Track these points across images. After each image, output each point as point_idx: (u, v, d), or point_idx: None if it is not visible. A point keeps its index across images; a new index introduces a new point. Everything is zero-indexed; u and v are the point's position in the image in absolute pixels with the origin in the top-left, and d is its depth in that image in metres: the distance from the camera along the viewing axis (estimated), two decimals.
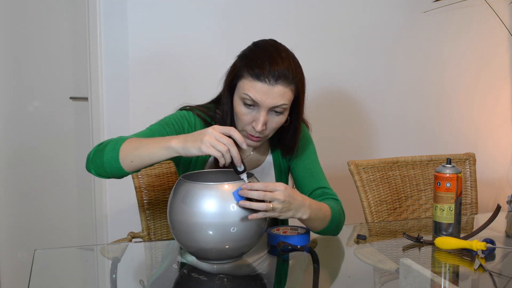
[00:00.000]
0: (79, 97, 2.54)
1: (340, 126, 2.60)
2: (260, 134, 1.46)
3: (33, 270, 1.31)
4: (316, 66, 2.54)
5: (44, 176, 2.68)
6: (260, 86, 1.41)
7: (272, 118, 1.45)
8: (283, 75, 1.41)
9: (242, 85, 1.44)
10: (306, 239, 1.46)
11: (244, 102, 1.44)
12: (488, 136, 2.88)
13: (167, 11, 2.30)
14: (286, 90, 1.43)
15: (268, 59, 1.42)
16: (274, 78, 1.40)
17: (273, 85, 1.41)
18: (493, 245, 1.42)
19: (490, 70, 2.86)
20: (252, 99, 1.42)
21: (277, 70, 1.41)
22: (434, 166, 2.05)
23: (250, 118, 1.45)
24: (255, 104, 1.43)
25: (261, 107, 1.42)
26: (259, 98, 1.41)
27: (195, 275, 1.29)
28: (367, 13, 2.59)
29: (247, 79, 1.43)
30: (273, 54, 1.44)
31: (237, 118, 1.48)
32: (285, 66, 1.43)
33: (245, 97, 1.43)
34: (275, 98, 1.41)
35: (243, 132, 1.48)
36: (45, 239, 2.64)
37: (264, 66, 1.41)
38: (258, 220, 1.28)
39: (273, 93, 1.41)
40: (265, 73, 1.40)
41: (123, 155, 1.35)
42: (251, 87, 1.42)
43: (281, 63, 1.42)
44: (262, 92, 1.41)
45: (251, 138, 1.48)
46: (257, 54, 1.45)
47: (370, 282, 1.32)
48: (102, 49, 2.28)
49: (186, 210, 1.26)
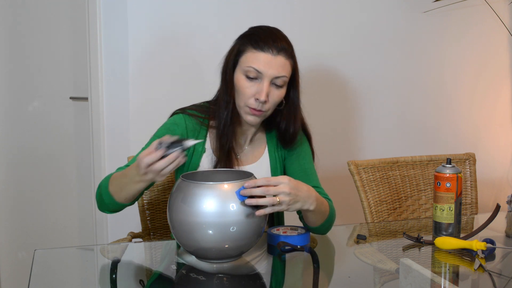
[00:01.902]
0: (79, 97, 2.54)
1: (340, 126, 2.60)
2: (262, 108, 1.52)
3: (33, 270, 1.31)
4: (315, 66, 2.54)
5: (44, 176, 2.68)
6: (263, 56, 1.49)
7: (273, 91, 1.52)
8: (283, 48, 1.51)
9: (245, 59, 1.52)
10: (306, 239, 1.46)
11: (247, 76, 1.51)
12: (488, 136, 2.88)
13: (168, 11, 2.30)
14: (286, 62, 1.52)
15: (269, 34, 1.53)
16: (276, 49, 1.50)
17: (275, 55, 1.50)
18: (493, 245, 1.42)
19: (490, 70, 2.85)
20: (256, 70, 1.49)
21: (279, 43, 1.51)
22: (434, 166, 2.05)
23: (253, 91, 1.51)
24: (258, 75, 1.50)
25: (264, 77, 1.50)
26: (262, 68, 1.49)
27: (194, 275, 1.29)
28: (367, 13, 2.59)
29: (250, 52, 1.51)
30: (273, 31, 1.55)
31: (240, 93, 1.53)
32: (285, 42, 1.53)
33: (249, 69, 1.50)
34: (277, 68, 1.50)
35: (245, 108, 1.53)
36: (45, 239, 2.64)
37: (267, 39, 1.51)
38: (257, 219, 1.28)
39: (276, 63, 1.49)
40: (268, 45, 1.50)
41: (117, 197, 1.43)
42: (255, 58, 1.50)
43: (281, 38, 1.53)
44: (266, 62, 1.49)
45: (254, 113, 1.53)
46: (259, 32, 1.55)
47: (370, 282, 1.32)
48: (102, 49, 2.28)
49: (186, 209, 1.26)
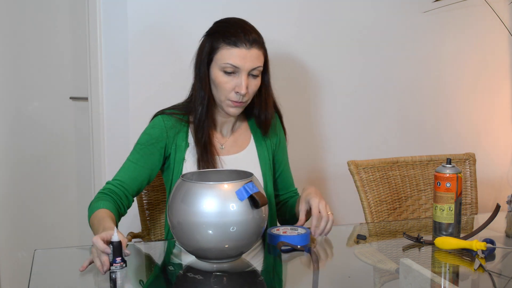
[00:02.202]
0: (79, 97, 2.54)
1: (340, 125, 2.60)
2: (242, 99, 1.59)
3: (33, 270, 1.31)
4: (315, 65, 2.54)
5: (44, 176, 2.68)
6: (238, 52, 1.56)
7: (251, 82, 1.60)
8: (255, 40, 1.58)
9: (220, 56, 1.58)
10: (306, 239, 1.46)
11: (225, 71, 1.58)
12: (488, 136, 2.88)
13: (168, 11, 2.30)
14: (259, 53, 1.59)
15: (240, 28, 1.59)
16: (249, 42, 1.56)
17: (249, 49, 1.56)
18: (493, 245, 1.42)
19: (490, 70, 2.85)
20: (233, 65, 1.56)
21: (250, 36, 1.57)
22: (434, 166, 2.05)
23: (232, 85, 1.58)
24: (235, 70, 1.57)
25: (242, 71, 1.57)
26: (239, 62, 1.56)
27: (191, 274, 1.29)
28: (366, 13, 2.59)
29: (225, 48, 1.57)
30: (242, 24, 1.61)
31: (219, 89, 1.60)
32: (255, 33, 1.60)
33: (225, 66, 1.57)
34: (252, 60, 1.57)
35: (226, 101, 1.61)
36: (45, 239, 2.64)
37: (239, 34, 1.57)
38: (257, 219, 1.29)
39: (251, 56, 1.57)
40: (241, 39, 1.56)
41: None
42: (230, 54, 1.56)
43: (251, 30, 1.60)
44: (241, 56, 1.56)
45: (236, 105, 1.60)
46: (228, 27, 1.60)
47: (370, 282, 1.32)
48: (102, 49, 2.28)
49: (186, 209, 1.26)
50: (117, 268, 1.27)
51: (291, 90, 2.49)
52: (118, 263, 1.27)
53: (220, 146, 1.69)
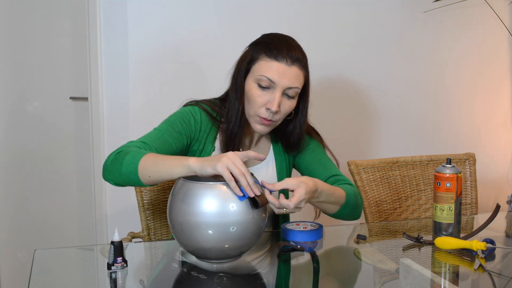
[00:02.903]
0: (79, 97, 2.54)
1: (340, 126, 2.60)
2: (272, 118, 1.51)
3: (33, 270, 1.31)
4: (315, 65, 2.53)
5: (44, 176, 2.68)
6: (277, 66, 1.48)
7: (285, 102, 1.51)
8: (298, 59, 1.49)
9: (258, 67, 1.50)
10: (319, 234, 1.51)
11: (259, 84, 1.49)
12: (488, 136, 2.88)
13: (168, 11, 2.30)
14: (300, 73, 1.50)
15: (284, 43, 1.50)
16: (291, 59, 1.48)
17: (290, 65, 1.48)
18: (493, 245, 1.42)
19: (490, 70, 2.85)
20: (269, 79, 1.48)
21: (293, 53, 1.49)
22: (434, 166, 2.05)
23: (264, 100, 1.50)
24: (271, 85, 1.48)
25: (277, 87, 1.48)
26: (276, 77, 1.47)
27: (195, 273, 1.29)
28: (367, 13, 2.59)
29: (264, 60, 1.49)
30: (287, 40, 1.53)
31: (251, 102, 1.52)
32: (299, 52, 1.51)
33: (261, 78, 1.48)
34: (290, 78, 1.48)
35: (255, 117, 1.52)
36: (45, 239, 2.64)
37: (282, 48, 1.49)
38: (257, 219, 1.29)
39: (289, 74, 1.48)
40: (283, 54, 1.48)
41: (142, 170, 1.36)
42: (269, 67, 1.48)
43: (296, 48, 1.51)
44: (279, 71, 1.47)
45: (264, 122, 1.52)
46: (273, 40, 1.52)
47: (370, 282, 1.32)
48: (102, 49, 2.28)
49: (186, 209, 1.26)
50: (118, 268, 1.27)
51: None
52: (119, 263, 1.27)
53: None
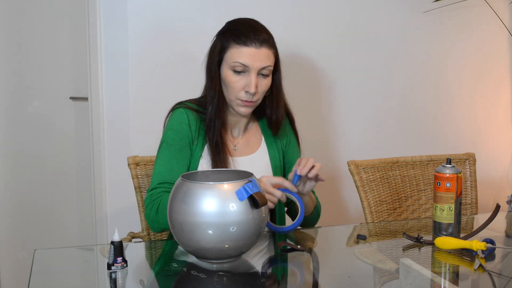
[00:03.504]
0: (79, 97, 2.54)
1: (340, 126, 2.60)
2: (252, 98, 1.60)
3: (33, 270, 1.31)
4: (315, 65, 2.54)
5: (44, 176, 2.68)
6: (248, 51, 1.57)
7: (261, 81, 1.61)
8: (265, 40, 1.59)
9: (230, 55, 1.60)
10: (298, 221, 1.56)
11: (234, 70, 1.59)
12: (488, 136, 2.88)
13: (168, 10, 2.30)
14: (269, 53, 1.60)
15: (250, 28, 1.60)
16: (259, 42, 1.58)
17: (259, 48, 1.58)
18: (493, 245, 1.42)
19: (490, 70, 2.85)
20: (242, 64, 1.57)
21: (260, 35, 1.59)
22: (434, 166, 2.05)
23: (242, 84, 1.59)
24: (245, 69, 1.58)
25: (251, 70, 1.58)
26: (248, 61, 1.57)
27: (195, 272, 1.29)
28: (367, 13, 2.59)
29: (234, 47, 1.59)
30: (252, 24, 1.63)
31: (229, 88, 1.61)
32: (265, 33, 1.61)
33: (235, 64, 1.58)
34: (262, 59, 1.58)
35: (236, 101, 1.62)
36: (45, 239, 2.64)
37: (249, 33, 1.58)
38: (257, 219, 1.28)
39: (260, 55, 1.58)
40: (251, 38, 1.58)
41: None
42: (240, 53, 1.58)
43: (261, 30, 1.61)
44: (251, 55, 1.57)
45: (246, 104, 1.61)
46: (239, 26, 1.62)
47: (370, 282, 1.32)
48: (102, 49, 2.28)
49: (185, 209, 1.26)
50: (118, 268, 1.27)
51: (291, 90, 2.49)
52: (119, 263, 1.27)
53: (233, 147, 1.70)
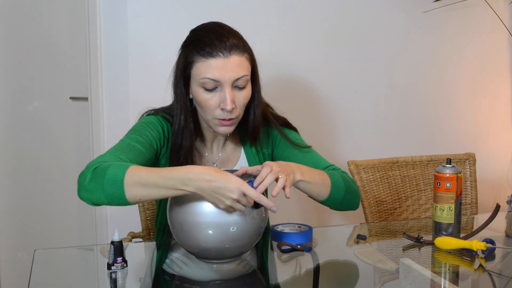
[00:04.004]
0: (79, 97, 2.54)
1: (340, 126, 2.60)
2: (231, 115, 1.40)
3: (33, 270, 1.31)
4: (315, 65, 2.54)
5: (43, 176, 2.68)
6: (215, 62, 1.36)
7: (238, 94, 1.40)
8: (234, 45, 1.37)
9: (197, 71, 1.38)
10: (309, 236, 1.47)
11: (205, 88, 1.38)
12: (488, 136, 2.88)
13: (168, 10, 2.30)
14: (242, 59, 1.38)
15: (214, 35, 1.38)
16: (227, 50, 1.36)
17: (227, 57, 1.36)
18: (493, 245, 1.42)
19: (490, 70, 2.85)
20: (212, 79, 1.36)
21: (227, 42, 1.36)
22: (434, 166, 2.05)
23: (216, 102, 1.39)
24: (216, 84, 1.37)
25: (224, 84, 1.37)
26: (218, 75, 1.36)
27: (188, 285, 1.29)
28: (367, 13, 2.59)
29: (200, 61, 1.37)
30: (216, 29, 1.40)
31: (203, 107, 1.41)
32: (233, 37, 1.39)
33: (204, 81, 1.37)
34: (234, 69, 1.37)
35: (214, 120, 1.42)
36: (45, 239, 2.64)
37: (213, 41, 1.36)
38: (257, 219, 1.28)
39: (231, 65, 1.36)
40: (216, 47, 1.36)
41: (130, 193, 1.23)
42: (207, 67, 1.36)
43: (228, 35, 1.38)
44: (219, 67, 1.36)
45: (224, 123, 1.41)
46: (201, 35, 1.40)
47: (370, 282, 1.32)
48: (102, 49, 2.28)
49: (185, 209, 1.26)
50: (118, 268, 1.27)
51: (292, 91, 2.49)
52: (119, 263, 1.27)
53: (212, 164, 1.55)
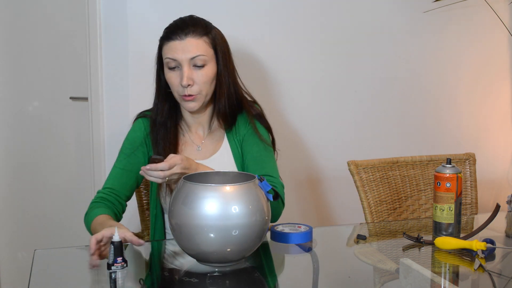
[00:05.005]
0: (79, 97, 2.54)
1: (340, 126, 2.60)
2: (191, 92, 1.57)
3: (33, 270, 1.31)
4: (315, 66, 2.54)
5: (44, 176, 2.68)
6: (173, 44, 1.57)
7: (196, 72, 1.58)
8: (191, 30, 1.58)
9: (163, 54, 1.60)
10: (309, 236, 1.47)
11: (169, 67, 1.59)
12: (488, 136, 2.88)
13: (168, 10, 2.30)
14: (198, 42, 1.58)
15: (179, 23, 1.60)
16: (183, 33, 1.57)
17: (183, 39, 1.56)
18: (493, 245, 1.42)
19: (490, 70, 2.85)
20: (171, 58, 1.57)
21: (185, 26, 1.58)
22: (434, 166, 2.05)
23: (178, 79, 1.58)
24: (176, 64, 1.57)
25: (182, 62, 1.56)
26: (175, 54, 1.56)
27: (186, 279, 1.29)
28: (366, 13, 2.59)
29: (164, 45, 1.59)
30: (183, 19, 1.62)
31: (170, 86, 1.61)
32: (193, 22, 1.60)
33: (166, 60, 1.59)
34: (189, 49, 1.56)
35: (179, 97, 1.61)
36: (45, 239, 2.64)
37: (175, 28, 1.59)
38: (260, 222, 1.27)
39: (186, 46, 1.56)
40: (175, 32, 1.57)
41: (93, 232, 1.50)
42: (167, 48, 1.58)
43: (189, 21, 1.60)
44: (176, 48, 1.56)
45: (186, 99, 1.59)
46: (170, 25, 1.62)
47: (370, 282, 1.32)
48: (102, 49, 2.28)
49: (187, 212, 1.24)
50: (118, 268, 1.27)
51: (292, 91, 2.49)
52: (119, 263, 1.27)
53: (197, 147, 1.69)
